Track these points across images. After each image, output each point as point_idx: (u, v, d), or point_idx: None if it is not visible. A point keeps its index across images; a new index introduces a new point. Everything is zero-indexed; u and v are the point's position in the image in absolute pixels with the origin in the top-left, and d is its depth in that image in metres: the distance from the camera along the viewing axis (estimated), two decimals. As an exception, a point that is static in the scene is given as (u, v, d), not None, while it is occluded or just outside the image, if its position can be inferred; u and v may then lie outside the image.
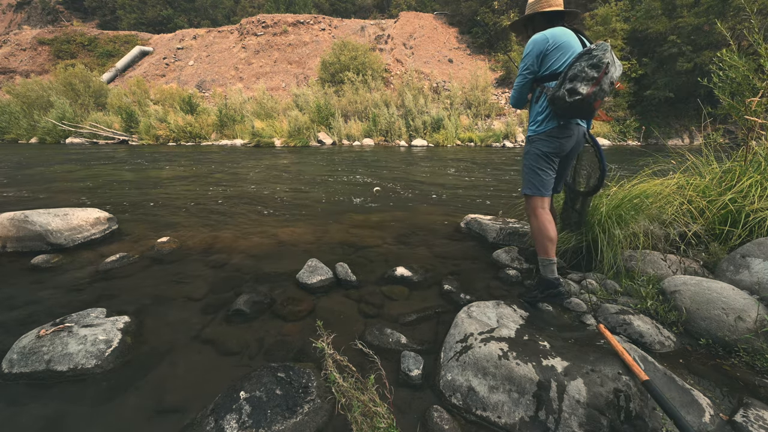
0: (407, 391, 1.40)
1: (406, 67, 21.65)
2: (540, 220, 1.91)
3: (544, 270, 1.91)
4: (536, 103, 1.91)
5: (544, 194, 1.93)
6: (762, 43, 2.32)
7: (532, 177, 1.93)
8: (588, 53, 1.56)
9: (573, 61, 1.61)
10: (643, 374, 1.22)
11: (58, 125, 16.47)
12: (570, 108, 1.62)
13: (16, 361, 1.49)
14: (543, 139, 1.87)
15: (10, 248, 2.77)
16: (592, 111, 1.65)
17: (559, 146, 1.87)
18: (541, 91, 1.85)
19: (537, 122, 1.89)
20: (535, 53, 1.80)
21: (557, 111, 1.72)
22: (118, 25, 35.50)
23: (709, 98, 12.26)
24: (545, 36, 1.77)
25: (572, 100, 1.58)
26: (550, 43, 1.76)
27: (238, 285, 2.26)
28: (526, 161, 1.97)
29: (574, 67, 1.58)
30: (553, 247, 1.89)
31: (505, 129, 15.74)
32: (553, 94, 1.67)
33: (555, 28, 1.80)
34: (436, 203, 4.56)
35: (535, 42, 1.80)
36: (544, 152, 1.88)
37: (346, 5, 37.79)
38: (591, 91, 1.54)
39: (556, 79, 1.76)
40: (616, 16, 18.62)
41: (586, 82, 1.54)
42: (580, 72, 1.56)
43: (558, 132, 1.83)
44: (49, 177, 6.46)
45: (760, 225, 2.13)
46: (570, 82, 1.59)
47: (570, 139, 1.87)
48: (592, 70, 1.53)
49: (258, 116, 16.22)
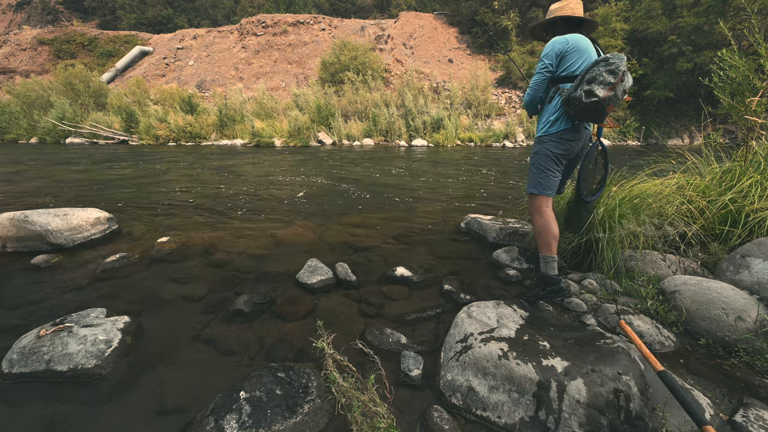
0: (407, 391, 1.40)
1: (406, 67, 21.64)
2: (545, 218, 1.95)
3: (546, 267, 1.93)
4: (549, 103, 1.94)
5: (549, 194, 1.97)
6: (762, 43, 2.32)
7: (539, 176, 1.97)
8: (605, 60, 1.63)
9: (590, 65, 1.67)
10: (659, 365, 1.24)
11: (58, 125, 16.46)
12: (585, 109, 1.67)
13: (16, 361, 1.49)
14: (554, 140, 1.91)
15: (10, 248, 2.77)
16: (605, 115, 1.69)
17: (569, 148, 1.92)
18: (556, 91, 1.89)
19: (549, 122, 1.92)
20: (554, 53, 1.85)
21: (571, 112, 1.75)
22: (118, 25, 35.50)
23: (709, 98, 12.27)
24: (565, 38, 1.85)
25: (589, 101, 1.63)
26: (569, 45, 1.83)
27: (238, 285, 2.26)
28: (534, 160, 2.00)
29: (592, 71, 1.64)
30: (555, 244, 1.94)
31: (505, 129, 15.75)
32: (569, 94, 1.72)
33: (575, 34, 1.87)
34: (436, 203, 4.56)
35: (555, 43, 1.87)
36: (554, 153, 1.92)
37: (346, 5, 37.77)
38: (607, 95, 1.59)
39: (572, 81, 1.82)
40: (616, 16, 18.62)
41: (604, 85, 1.60)
42: (598, 75, 1.62)
43: (569, 134, 1.88)
44: (48, 177, 6.46)
45: (760, 225, 2.13)
46: (588, 84, 1.64)
47: (579, 142, 1.93)
48: (609, 75, 1.59)
49: (258, 116, 16.21)
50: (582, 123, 1.88)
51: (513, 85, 20.46)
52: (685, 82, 16.95)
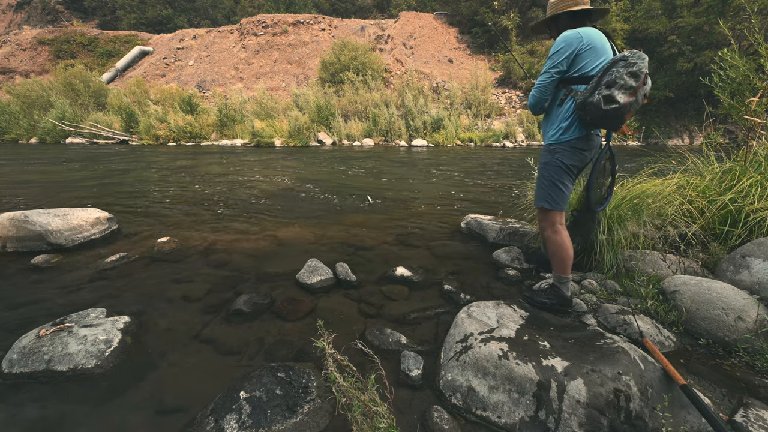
0: (407, 391, 1.40)
1: (406, 67, 21.64)
2: (561, 236, 1.80)
3: (561, 286, 1.82)
4: (560, 106, 1.73)
5: (563, 209, 1.81)
6: (762, 42, 2.32)
7: (552, 191, 1.79)
8: (624, 60, 1.46)
9: (608, 66, 1.49)
10: (681, 379, 1.22)
11: (58, 125, 16.47)
12: (603, 117, 1.50)
13: (16, 361, 1.49)
14: (567, 150, 1.72)
15: (10, 248, 2.77)
16: (622, 122, 1.53)
17: (582, 158, 1.75)
18: (567, 93, 1.70)
19: (561, 129, 1.73)
20: (567, 52, 1.63)
21: (587, 118, 1.58)
22: (118, 25, 35.50)
23: (710, 98, 12.25)
24: (579, 34, 1.62)
25: (608, 108, 1.46)
26: (584, 43, 1.61)
27: (238, 285, 2.26)
28: (545, 173, 1.82)
29: (611, 73, 1.47)
30: (570, 263, 1.80)
31: (505, 129, 15.76)
32: (585, 99, 1.54)
33: (587, 28, 1.66)
34: (436, 203, 4.55)
35: (567, 40, 1.63)
36: (567, 165, 1.74)
37: (346, 5, 37.77)
38: (628, 100, 1.44)
39: (586, 83, 1.64)
40: (616, 16, 18.63)
41: (625, 90, 1.44)
42: (618, 78, 1.45)
43: (583, 143, 1.71)
44: (48, 177, 6.46)
45: (760, 225, 2.13)
46: (607, 88, 1.47)
47: (592, 152, 1.77)
48: (631, 79, 1.43)
49: (258, 116, 16.22)
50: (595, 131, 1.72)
51: (513, 85, 20.46)
52: (685, 82, 16.97)
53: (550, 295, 1.85)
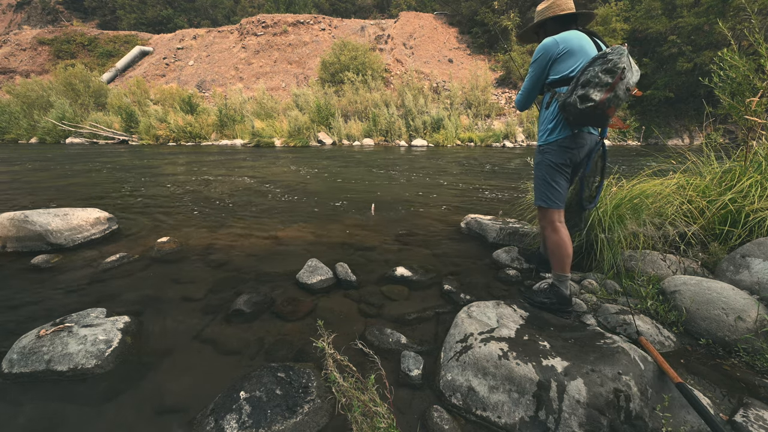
0: (407, 391, 1.40)
1: (406, 67, 21.64)
2: (560, 235, 1.82)
3: (560, 285, 1.83)
4: (546, 109, 1.81)
5: (560, 206, 1.84)
6: (762, 43, 2.32)
7: (546, 189, 1.84)
8: (602, 57, 1.47)
9: (586, 65, 1.52)
10: (677, 377, 1.22)
11: (58, 125, 16.48)
12: (581, 115, 1.54)
13: (16, 361, 1.49)
14: (554, 149, 1.79)
15: (10, 248, 2.77)
16: (606, 119, 1.56)
17: (571, 157, 1.79)
18: (552, 96, 1.76)
19: (547, 131, 1.80)
20: (544, 60, 1.73)
21: (569, 118, 1.63)
22: (118, 25, 35.52)
23: (710, 98, 12.25)
24: (555, 41, 1.70)
25: (584, 107, 1.50)
26: (560, 48, 1.68)
27: (238, 285, 2.26)
28: (538, 172, 1.89)
29: (587, 72, 1.50)
30: (570, 262, 1.82)
31: (505, 129, 15.77)
32: (564, 100, 1.60)
33: (567, 32, 1.72)
34: (436, 203, 4.56)
35: (545, 48, 1.72)
36: (556, 164, 1.80)
37: (346, 5, 37.78)
38: (605, 97, 1.45)
39: (567, 84, 1.69)
40: (616, 16, 18.64)
41: (600, 88, 1.45)
42: (593, 77, 1.47)
43: (570, 142, 1.75)
44: (48, 177, 6.46)
45: (760, 225, 2.13)
46: (582, 88, 1.50)
47: (582, 149, 1.79)
48: (606, 76, 1.44)
49: (258, 116, 16.23)
50: (584, 129, 1.75)
51: (513, 85, 20.48)
52: (685, 82, 16.98)
53: (549, 294, 1.86)
